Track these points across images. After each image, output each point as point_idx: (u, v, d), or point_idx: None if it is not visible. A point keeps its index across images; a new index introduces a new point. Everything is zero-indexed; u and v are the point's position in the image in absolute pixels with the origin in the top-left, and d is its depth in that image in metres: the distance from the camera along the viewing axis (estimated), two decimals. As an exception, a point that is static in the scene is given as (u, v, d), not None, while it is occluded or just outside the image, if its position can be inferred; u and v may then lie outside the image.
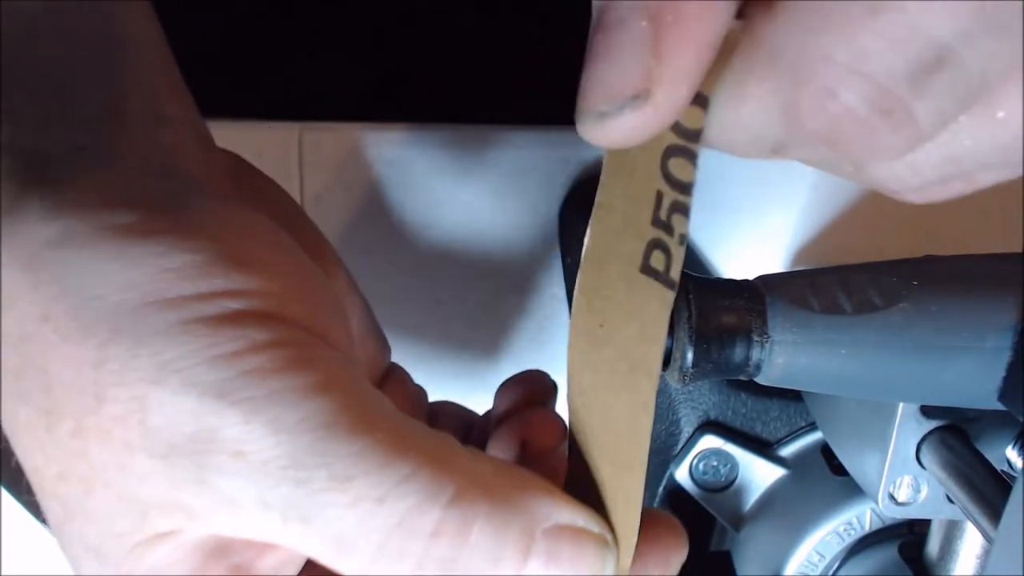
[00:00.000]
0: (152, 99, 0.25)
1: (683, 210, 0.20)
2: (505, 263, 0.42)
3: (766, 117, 0.18)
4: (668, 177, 0.20)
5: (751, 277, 0.27)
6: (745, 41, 0.17)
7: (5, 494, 0.40)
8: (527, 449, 0.28)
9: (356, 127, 0.40)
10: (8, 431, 0.21)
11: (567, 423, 0.23)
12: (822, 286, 0.26)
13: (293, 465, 0.19)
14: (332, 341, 0.22)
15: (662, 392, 0.40)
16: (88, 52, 0.25)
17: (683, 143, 0.19)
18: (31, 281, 0.20)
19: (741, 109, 0.18)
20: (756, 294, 0.26)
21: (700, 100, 0.18)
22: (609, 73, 0.17)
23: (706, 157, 0.20)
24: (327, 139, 0.40)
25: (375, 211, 0.40)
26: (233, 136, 0.36)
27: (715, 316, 0.26)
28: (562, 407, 0.24)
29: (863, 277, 0.26)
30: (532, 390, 0.30)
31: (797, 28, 0.16)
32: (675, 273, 0.21)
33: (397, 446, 0.20)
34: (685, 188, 0.20)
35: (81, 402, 0.20)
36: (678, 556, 0.24)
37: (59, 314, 0.20)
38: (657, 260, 0.21)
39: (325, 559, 0.20)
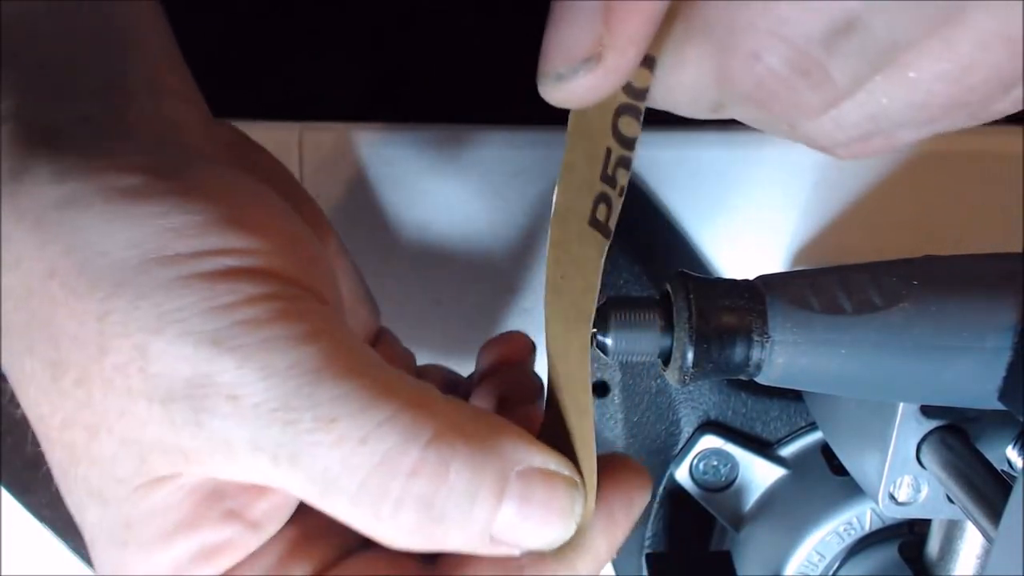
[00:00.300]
0: (153, 73, 0.26)
1: (626, 164, 0.21)
2: (504, 263, 0.42)
3: (703, 79, 0.20)
4: (617, 134, 0.21)
5: (751, 277, 0.27)
6: (684, 10, 0.19)
7: (5, 494, 0.40)
8: (504, 404, 0.29)
9: (356, 127, 0.40)
10: (14, 383, 0.23)
11: (545, 376, 0.25)
12: (822, 286, 0.26)
13: (282, 407, 0.20)
14: (322, 297, 0.23)
15: (662, 392, 0.40)
16: (89, 31, 0.26)
17: (632, 102, 0.21)
18: (38, 240, 0.21)
19: (681, 73, 0.20)
20: (756, 294, 0.26)
21: (648, 62, 0.20)
22: (565, 38, 0.18)
23: (708, 158, 0.21)
24: (327, 139, 0.40)
25: (374, 211, 0.40)
26: (233, 136, 0.36)
27: (715, 316, 0.26)
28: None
29: (863, 277, 0.26)
30: (511, 349, 0.32)
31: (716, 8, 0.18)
32: (612, 223, 0.22)
33: (380, 390, 0.21)
34: (630, 144, 0.21)
35: (86, 352, 0.21)
36: (641, 496, 0.25)
37: (65, 270, 0.21)
38: (601, 212, 0.22)
39: (311, 498, 0.21)
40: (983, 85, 0.18)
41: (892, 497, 0.31)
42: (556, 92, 0.19)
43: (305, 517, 0.24)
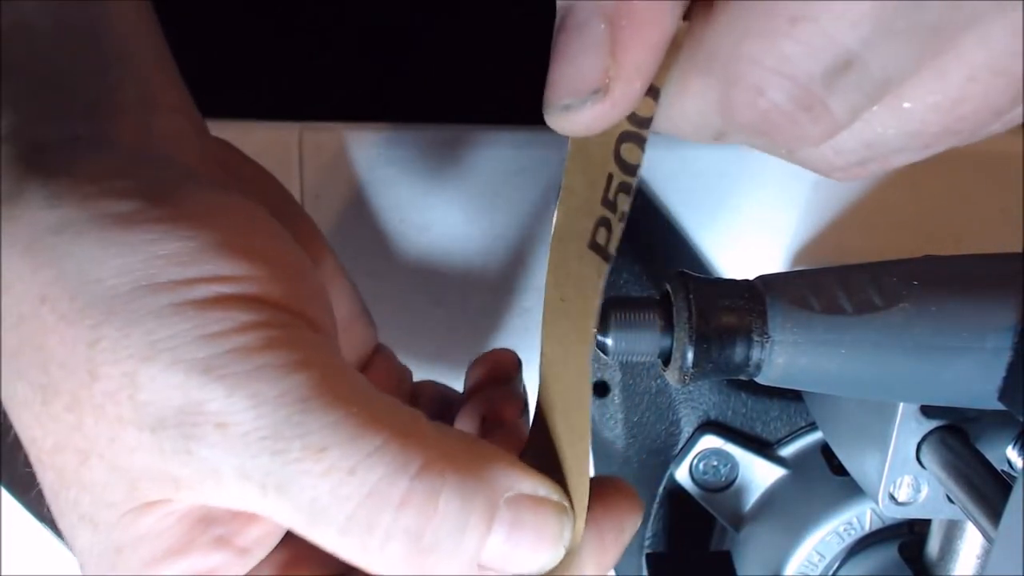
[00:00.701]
0: (146, 90, 0.26)
1: (627, 190, 0.22)
2: (504, 262, 0.42)
3: (706, 110, 0.20)
4: (619, 161, 0.21)
5: (751, 277, 0.27)
6: (689, 42, 0.19)
7: (5, 494, 0.40)
8: (488, 422, 0.29)
9: (356, 127, 0.40)
10: (7, 406, 0.23)
11: (534, 394, 0.25)
12: (822, 286, 0.26)
13: (271, 436, 0.20)
14: (314, 323, 0.23)
15: (662, 392, 0.40)
16: (83, 47, 0.26)
17: (635, 130, 0.21)
18: (30, 265, 0.21)
19: (685, 102, 0.20)
20: (756, 294, 0.26)
21: (652, 91, 0.20)
22: (572, 71, 0.19)
23: (708, 158, 0.21)
24: (327, 139, 0.40)
25: (375, 211, 0.40)
26: (233, 136, 0.36)
27: (715, 316, 0.26)
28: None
29: (863, 277, 0.26)
30: (496, 368, 0.32)
31: (730, 34, 0.18)
32: (612, 248, 0.22)
33: (369, 420, 0.21)
34: (632, 170, 0.22)
35: (76, 378, 0.21)
36: (632, 521, 0.25)
37: (56, 296, 0.21)
38: (601, 236, 0.22)
39: (299, 527, 0.21)
40: (974, 114, 0.19)
41: (892, 497, 0.31)
42: (562, 122, 0.19)
43: (294, 541, 0.24)
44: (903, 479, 0.31)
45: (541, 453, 0.24)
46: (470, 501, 0.21)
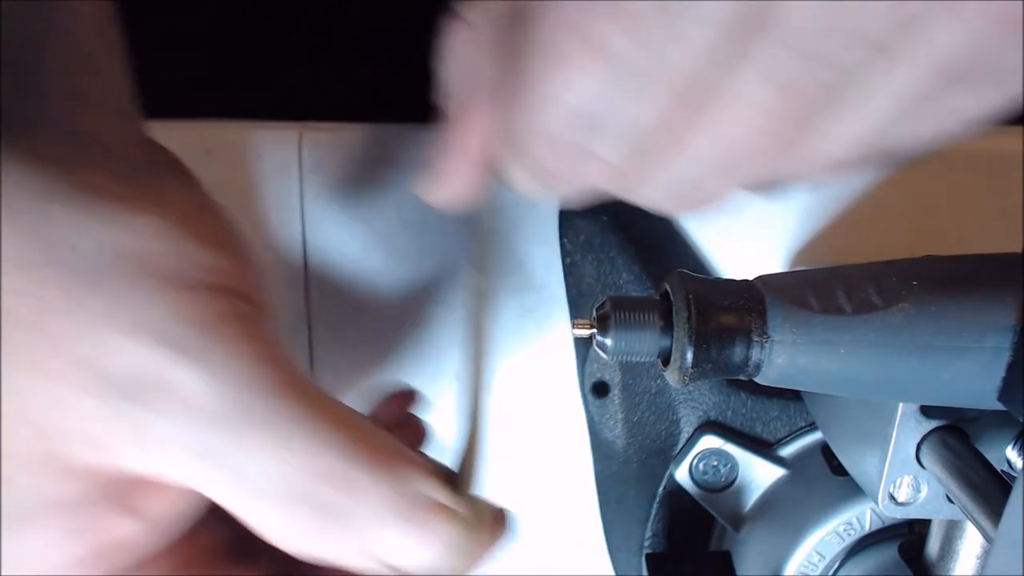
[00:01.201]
0: (110, 88, 0.27)
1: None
2: (505, 263, 0.42)
3: (527, 182, 0.23)
4: None
5: (751, 277, 0.27)
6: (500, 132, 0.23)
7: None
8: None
9: (356, 127, 0.40)
10: None
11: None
12: (822, 286, 0.26)
13: (234, 418, 0.22)
14: (267, 312, 0.25)
15: (662, 392, 0.40)
16: (53, 37, 0.26)
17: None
18: (8, 228, 0.21)
19: (526, 183, 0.23)
20: (756, 294, 0.26)
21: (494, 174, 0.25)
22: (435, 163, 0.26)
23: None
24: (327, 139, 0.40)
25: (375, 211, 0.40)
26: (233, 136, 0.36)
27: (715, 316, 0.26)
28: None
29: (863, 277, 0.26)
30: (405, 401, 0.37)
31: (511, 120, 0.21)
32: None
33: (318, 410, 0.23)
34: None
35: (28, 337, 0.21)
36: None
37: (31, 259, 0.21)
38: None
39: (236, 501, 0.23)
40: (754, 147, 0.20)
41: (892, 497, 0.31)
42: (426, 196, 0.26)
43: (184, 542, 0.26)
44: (903, 479, 0.31)
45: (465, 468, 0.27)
46: (396, 493, 0.24)
